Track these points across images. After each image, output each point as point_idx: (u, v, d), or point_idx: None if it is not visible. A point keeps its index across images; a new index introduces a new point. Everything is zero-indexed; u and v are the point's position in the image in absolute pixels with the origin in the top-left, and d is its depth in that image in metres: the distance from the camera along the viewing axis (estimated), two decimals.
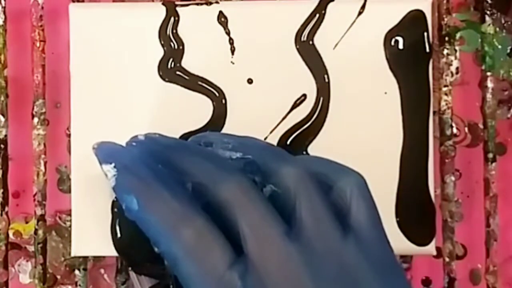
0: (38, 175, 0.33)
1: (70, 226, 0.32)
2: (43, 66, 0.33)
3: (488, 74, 0.34)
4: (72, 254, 0.32)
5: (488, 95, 0.34)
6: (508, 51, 0.37)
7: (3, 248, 0.33)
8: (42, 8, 0.33)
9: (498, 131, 0.34)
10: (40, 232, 0.33)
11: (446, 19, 0.34)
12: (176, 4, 0.32)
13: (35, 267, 0.33)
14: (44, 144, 0.33)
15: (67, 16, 0.32)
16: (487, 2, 0.34)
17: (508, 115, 0.37)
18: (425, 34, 0.32)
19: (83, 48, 0.32)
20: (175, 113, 0.32)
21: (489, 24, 0.34)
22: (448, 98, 0.33)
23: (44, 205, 0.33)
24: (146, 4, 0.33)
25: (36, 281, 0.33)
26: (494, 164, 0.34)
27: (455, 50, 0.34)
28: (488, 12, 0.34)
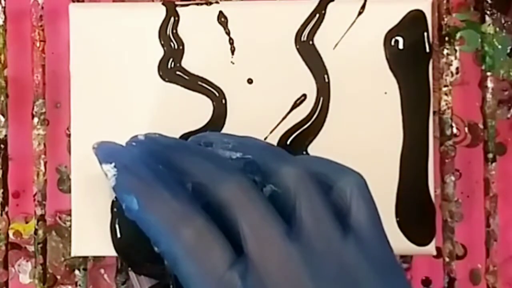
0: (38, 175, 0.33)
1: (70, 226, 0.32)
2: (43, 66, 0.33)
3: (488, 74, 0.34)
4: (72, 254, 0.32)
5: (488, 95, 0.34)
6: (508, 51, 0.37)
7: (3, 248, 0.33)
8: (42, 8, 0.33)
9: (498, 131, 0.34)
10: (40, 232, 0.33)
11: (446, 19, 0.34)
12: (176, 4, 0.32)
13: (35, 267, 0.33)
14: (44, 144, 0.33)
15: (67, 16, 0.32)
16: (487, 2, 0.34)
17: (508, 115, 0.37)
18: (425, 34, 0.32)
19: (83, 48, 0.32)
20: (175, 113, 0.32)
21: (489, 24, 0.34)
22: (448, 98, 0.33)
23: (44, 205, 0.33)
24: (146, 4, 0.33)
25: (36, 281, 0.33)
26: (494, 164, 0.34)
27: (455, 50, 0.34)
28: (488, 12, 0.34)
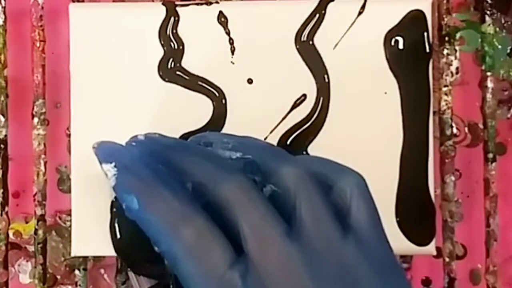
0: (38, 175, 0.33)
1: (70, 226, 0.32)
2: (43, 66, 0.33)
3: (488, 74, 0.34)
4: (72, 254, 0.32)
5: (488, 95, 0.34)
6: (508, 51, 0.37)
7: (3, 248, 0.33)
8: (42, 8, 0.33)
9: (498, 131, 0.34)
10: (40, 232, 0.33)
11: (446, 19, 0.34)
12: (176, 4, 0.32)
13: (35, 267, 0.33)
14: (44, 144, 0.33)
15: (67, 16, 0.32)
16: (487, 2, 0.34)
17: (508, 115, 0.37)
18: (425, 34, 0.32)
19: (83, 48, 0.32)
20: (175, 113, 0.32)
21: (489, 24, 0.34)
22: (448, 98, 0.33)
23: (44, 205, 0.33)
24: (146, 4, 0.33)
25: (36, 281, 0.33)
26: (494, 164, 0.34)
27: (455, 50, 0.34)
28: (488, 12, 0.34)
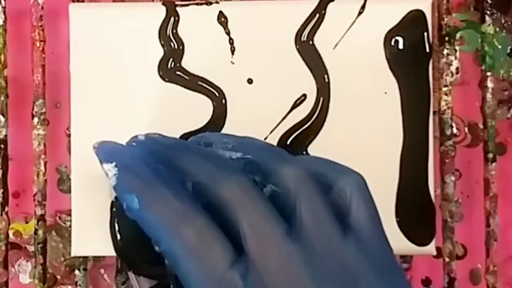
0: (38, 175, 0.33)
1: (70, 226, 0.32)
2: (43, 66, 0.33)
3: (488, 74, 0.34)
4: (72, 254, 0.32)
5: (488, 95, 0.34)
6: (508, 51, 0.37)
7: (3, 248, 0.33)
8: (42, 8, 0.33)
9: (498, 131, 0.34)
10: (40, 232, 0.33)
11: (446, 19, 0.34)
12: (176, 4, 0.32)
13: (35, 267, 0.33)
14: (44, 144, 0.33)
15: (67, 16, 0.32)
16: (487, 2, 0.34)
17: (508, 115, 0.37)
18: (425, 34, 0.32)
19: (83, 48, 0.32)
20: (175, 113, 0.32)
21: (489, 24, 0.34)
22: (448, 98, 0.33)
23: (44, 205, 0.33)
24: (146, 4, 0.33)
25: (36, 281, 0.33)
26: (494, 164, 0.34)
27: (455, 50, 0.34)
28: (488, 12, 0.34)
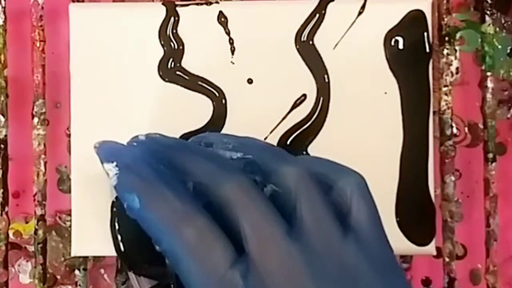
0: (38, 175, 0.33)
1: (70, 226, 0.32)
2: (43, 66, 0.33)
3: (488, 74, 0.34)
4: (72, 254, 0.32)
5: (488, 95, 0.34)
6: (508, 51, 0.37)
7: (3, 248, 0.33)
8: (42, 8, 0.33)
9: (498, 131, 0.34)
10: (40, 232, 0.33)
11: (446, 19, 0.34)
12: (176, 4, 0.32)
13: (35, 267, 0.33)
14: (44, 144, 0.33)
15: (67, 16, 0.32)
16: (487, 2, 0.34)
17: (508, 115, 0.37)
18: (425, 34, 0.32)
19: (83, 48, 0.32)
20: (175, 113, 0.32)
21: (489, 24, 0.34)
22: (448, 98, 0.33)
23: (44, 205, 0.33)
24: (146, 4, 0.33)
25: (36, 281, 0.33)
26: (494, 164, 0.34)
27: (455, 50, 0.34)
28: (488, 12, 0.34)
